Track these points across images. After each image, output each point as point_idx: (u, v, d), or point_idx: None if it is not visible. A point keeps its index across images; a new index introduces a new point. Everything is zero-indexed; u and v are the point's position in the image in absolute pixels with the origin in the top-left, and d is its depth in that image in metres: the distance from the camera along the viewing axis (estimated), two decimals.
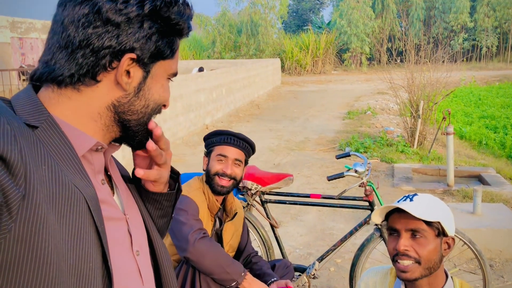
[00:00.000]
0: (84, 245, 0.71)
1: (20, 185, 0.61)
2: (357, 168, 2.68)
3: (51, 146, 0.72)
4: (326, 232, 4.52)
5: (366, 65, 29.61)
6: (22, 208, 0.61)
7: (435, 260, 1.46)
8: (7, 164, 0.60)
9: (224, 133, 2.22)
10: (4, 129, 0.62)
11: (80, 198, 0.72)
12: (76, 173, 0.75)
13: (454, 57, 23.37)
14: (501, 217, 4.06)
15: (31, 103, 0.75)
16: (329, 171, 6.70)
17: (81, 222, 0.71)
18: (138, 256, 0.87)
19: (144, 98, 0.82)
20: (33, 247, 0.62)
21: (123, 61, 0.78)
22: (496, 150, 8.33)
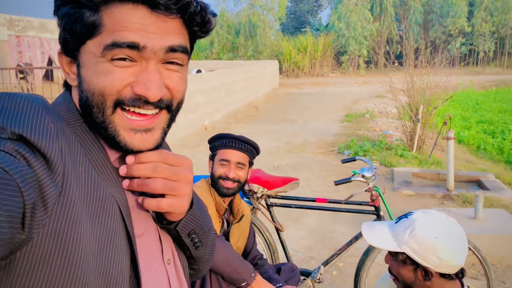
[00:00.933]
0: (114, 248, 0.71)
1: (57, 182, 0.63)
2: (365, 173, 2.68)
3: (87, 150, 0.73)
4: (327, 235, 4.51)
5: (363, 68, 29.73)
6: (57, 204, 0.62)
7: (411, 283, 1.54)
8: (47, 161, 0.62)
9: (225, 136, 2.22)
10: (48, 127, 0.64)
11: (113, 202, 0.73)
12: (108, 178, 0.75)
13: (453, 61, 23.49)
14: (502, 223, 4.07)
15: (67, 109, 0.76)
16: (328, 174, 6.71)
17: (112, 225, 0.72)
18: (169, 265, 0.85)
19: (84, 91, 0.73)
20: (64, 244, 0.63)
21: (57, 57, 0.77)
22: (495, 155, 8.36)
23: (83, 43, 0.72)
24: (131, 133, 0.74)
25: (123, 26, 0.70)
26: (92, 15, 0.70)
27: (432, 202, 5.40)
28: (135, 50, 0.70)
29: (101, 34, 0.70)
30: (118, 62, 0.71)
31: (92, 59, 0.72)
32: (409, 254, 1.48)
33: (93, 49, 0.71)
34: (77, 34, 0.72)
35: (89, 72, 0.72)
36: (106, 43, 0.70)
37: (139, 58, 0.72)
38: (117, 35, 0.70)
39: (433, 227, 1.48)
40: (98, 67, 0.71)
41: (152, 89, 0.72)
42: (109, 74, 0.71)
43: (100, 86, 0.71)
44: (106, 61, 0.71)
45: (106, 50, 0.70)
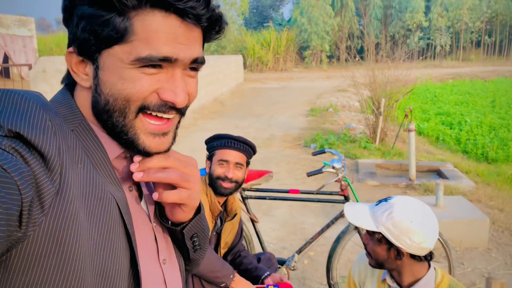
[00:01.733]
0: (113, 246, 0.71)
1: (55, 180, 0.62)
2: (335, 164, 2.82)
3: (86, 149, 0.73)
4: (298, 226, 4.66)
5: (326, 62, 30.18)
6: (54, 203, 0.62)
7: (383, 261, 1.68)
8: (45, 159, 0.62)
9: (224, 137, 2.25)
10: (46, 125, 0.64)
11: (111, 201, 0.72)
12: (107, 177, 0.75)
13: (412, 55, 24.23)
14: (461, 209, 4.33)
15: (66, 106, 0.75)
16: (296, 167, 6.87)
17: (111, 223, 0.71)
18: (165, 265, 0.85)
19: (103, 95, 0.73)
20: (60, 243, 0.62)
21: (66, 56, 0.74)
22: (452, 145, 8.76)
23: (109, 47, 0.71)
24: (150, 137, 0.76)
25: (156, 38, 0.70)
26: (123, 21, 0.69)
27: (395, 192, 5.64)
28: (166, 62, 0.72)
29: (132, 42, 0.70)
30: (147, 70, 0.71)
31: (118, 64, 0.71)
32: (385, 234, 1.61)
33: (121, 55, 0.70)
34: (103, 38, 0.70)
35: (113, 77, 0.71)
36: (141, 55, 0.69)
37: (166, 66, 0.73)
38: (152, 48, 0.70)
39: (410, 211, 1.61)
40: (124, 73, 0.71)
41: (181, 96, 0.74)
42: (137, 81, 0.71)
43: (126, 92, 0.71)
44: (134, 68, 0.71)
45: (138, 61, 0.70)
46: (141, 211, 0.82)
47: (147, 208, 0.84)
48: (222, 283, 2.08)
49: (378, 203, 1.70)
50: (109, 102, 0.73)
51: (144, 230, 0.81)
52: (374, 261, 1.70)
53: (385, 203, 1.66)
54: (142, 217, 0.82)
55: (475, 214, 4.20)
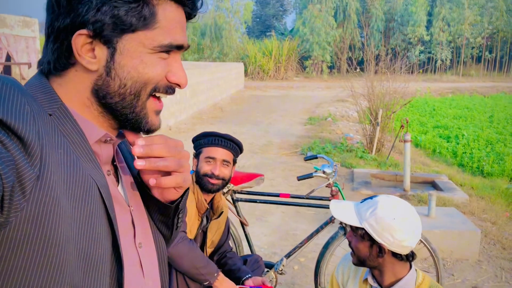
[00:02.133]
0: (95, 230, 0.71)
1: (35, 165, 0.61)
2: (325, 169, 2.83)
3: (65, 133, 0.72)
4: (290, 232, 4.66)
5: (327, 73, 30.31)
6: (35, 188, 0.61)
7: (365, 257, 1.69)
8: (24, 144, 0.61)
9: (211, 134, 2.26)
10: (24, 109, 0.63)
11: (92, 185, 0.73)
12: (88, 161, 0.75)
13: (411, 68, 24.33)
14: (453, 220, 4.33)
15: (43, 91, 0.74)
16: (291, 174, 6.88)
17: (93, 207, 0.72)
18: (140, 249, 0.85)
19: (118, 78, 0.74)
20: (43, 228, 0.62)
21: (74, 39, 0.72)
22: (449, 158, 8.78)
23: (132, 32, 0.74)
24: (155, 115, 0.82)
25: (174, 27, 0.77)
26: (149, 9, 0.74)
27: None
28: (178, 49, 0.79)
29: (156, 30, 0.75)
30: (163, 55, 0.77)
31: (140, 48, 0.75)
32: (368, 230, 1.62)
33: (144, 40, 0.75)
34: (127, 23, 0.73)
35: (133, 61, 0.75)
36: (163, 43, 0.76)
37: (173, 51, 0.80)
38: (172, 37, 0.77)
39: (393, 209, 1.63)
40: (146, 58, 0.75)
41: (185, 77, 0.82)
42: (156, 66, 0.77)
43: (148, 76, 0.76)
44: (153, 53, 0.76)
45: (160, 47, 0.76)
46: (118, 195, 0.83)
47: (125, 192, 0.86)
48: (205, 281, 2.08)
49: (363, 200, 1.72)
50: (126, 85, 0.76)
51: (122, 214, 0.82)
52: (356, 258, 1.71)
53: (370, 200, 1.68)
54: (120, 201, 0.82)
55: (467, 226, 4.20)
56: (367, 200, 1.70)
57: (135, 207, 0.87)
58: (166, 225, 0.93)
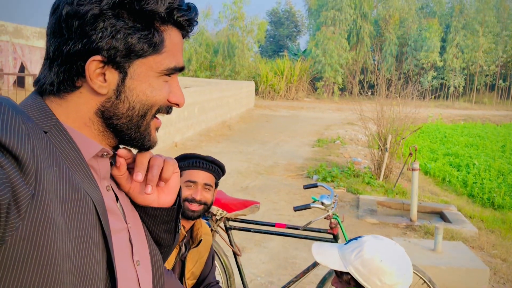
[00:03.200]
0: (90, 248, 0.72)
1: (30, 184, 0.62)
2: (324, 201, 2.68)
3: (61, 150, 0.73)
4: (289, 260, 4.48)
5: (338, 95, 30.22)
6: (31, 207, 0.62)
7: None
8: (19, 163, 0.61)
9: (191, 156, 2.12)
10: (19, 128, 0.63)
11: (88, 201, 0.73)
12: (84, 177, 0.75)
13: (423, 94, 24.13)
14: (460, 256, 4.13)
15: (39, 109, 0.76)
16: (296, 198, 6.71)
17: (88, 224, 0.72)
18: (138, 266, 0.85)
19: (127, 101, 0.78)
20: (38, 247, 0.63)
21: (88, 64, 0.74)
22: (458, 188, 8.54)
23: (143, 57, 0.78)
24: (155, 132, 0.86)
25: (177, 51, 0.82)
26: (160, 35, 0.78)
27: (394, 232, 5.45)
28: (178, 71, 0.83)
29: (162, 54, 0.79)
30: (166, 78, 0.82)
31: (149, 73, 0.79)
32: (353, 275, 1.48)
33: (153, 64, 0.79)
34: (139, 50, 0.77)
35: (142, 85, 0.79)
36: (170, 66, 0.80)
37: (174, 74, 0.84)
38: (176, 60, 0.82)
39: (380, 250, 1.49)
40: (153, 82, 0.80)
41: (183, 97, 0.86)
42: (162, 89, 0.81)
43: (155, 99, 0.81)
44: (159, 76, 0.80)
45: (166, 70, 0.80)
46: (117, 211, 0.83)
47: (122, 208, 0.86)
48: None
49: (348, 242, 1.58)
50: (135, 108, 0.79)
51: (119, 231, 0.82)
52: None
53: (355, 241, 1.54)
54: (118, 218, 0.83)
55: (475, 263, 3.99)
56: (352, 241, 1.56)
57: (132, 225, 0.87)
58: (169, 231, 0.96)
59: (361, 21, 31.87)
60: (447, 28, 32.10)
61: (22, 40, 16.82)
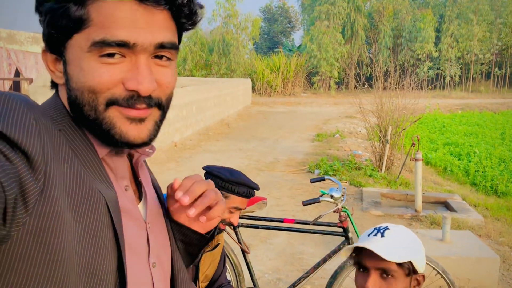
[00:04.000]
0: (100, 245, 0.70)
1: (39, 179, 0.61)
2: (333, 194, 2.62)
3: (73, 148, 0.72)
4: (296, 256, 4.43)
5: (334, 89, 30.14)
6: (39, 202, 0.61)
7: None
8: (28, 158, 0.60)
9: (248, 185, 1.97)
10: (30, 124, 0.63)
11: (99, 199, 0.71)
12: (97, 175, 0.73)
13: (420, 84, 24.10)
14: (469, 245, 4.08)
15: (54, 107, 0.75)
16: (298, 193, 6.66)
17: (98, 222, 0.70)
18: (154, 268, 0.82)
19: (73, 89, 0.72)
20: (45, 242, 0.62)
21: (41, 55, 0.75)
22: (461, 176, 8.51)
23: (69, 37, 0.71)
24: (127, 122, 0.73)
25: (112, 22, 0.68)
26: (78, 9, 0.68)
27: (400, 223, 5.40)
28: (125, 48, 0.69)
29: (88, 28, 0.69)
30: (106, 59, 0.69)
31: (78, 54, 0.70)
32: (414, 262, 1.39)
33: (79, 43, 0.70)
34: (62, 29, 0.70)
35: (75, 70, 0.71)
36: (95, 39, 0.68)
37: (128, 53, 0.70)
38: (107, 32, 0.68)
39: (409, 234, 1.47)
40: (83, 64, 0.70)
41: (144, 83, 0.70)
42: (95, 72, 0.69)
43: (88, 84, 0.70)
44: (93, 57, 0.69)
45: (94, 46, 0.68)
46: (135, 211, 0.80)
47: (145, 209, 0.83)
48: None
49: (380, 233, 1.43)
50: (77, 97, 0.72)
51: (135, 231, 0.79)
52: None
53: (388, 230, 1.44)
54: (135, 217, 0.80)
55: (484, 251, 3.95)
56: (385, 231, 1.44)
57: (153, 225, 0.84)
58: (190, 254, 0.94)
59: (355, 14, 31.77)
60: (441, 18, 32.05)
61: (16, 45, 16.69)
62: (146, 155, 0.84)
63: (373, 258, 1.37)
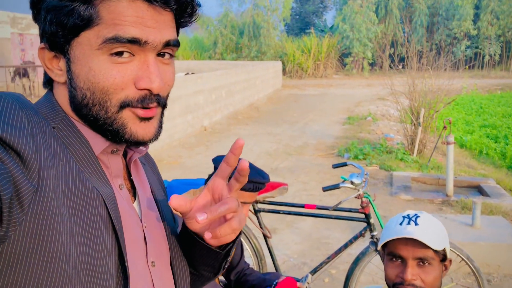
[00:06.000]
0: (99, 242, 0.70)
1: (33, 178, 0.62)
2: (354, 180, 2.59)
3: (68, 145, 0.71)
4: (322, 241, 4.43)
5: (367, 70, 29.58)
6: (34, 201, 0.62)
7: (437, 285, 1.39)
8: (21, 158, 0.61)
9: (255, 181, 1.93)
10: (22, 123, 0.63)
11: (96, 195, 0.71)
12: (93, 172, 0.73)
13: (457, 64, 23.31)
14: (500, 231, 3.97)
15: (48, 105, 0.75)
16: (326, 177, 6.62)
17: (96, 219, 0.70)
18: (153, 268, 0.81)
19: (78, 88, 0.71)
20: (42, 241, 0.62)
21: (38, 54, 0.74)
22: (497, 160, 8.24)
23: (76, 35, 0.70)
24: (137, 122, 0.74)
25: (123, 20, 0.69)
26: (88, 9, 0.68)
27: (430, 208, 5.31)
28: (136, 45, 0.70)
29: (98, 26, 0.69)
30: (117, 59, 0.70)
31: (87, 51, 0.70)
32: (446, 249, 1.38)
33: (88, 40, 0.69)
34: (69, 27, 0.69)
35: (84, 68, 0.70)
36: (107, 36, 0.68)
37: (138, 51, 0.71)
38: (119, 29, 0.68)
39: (436, 220, 1.44)
40: (94, 64, 0.69)
41: (156, 81, 0.71)
42: (107, 73, 0.70)
43: (101, 85, 0.70)
44: (103, 56, 0.69)
45: (105, 43, 0.69)
46: (130, 209, 0.80)
47: (140, 208, 0.83)
48: None
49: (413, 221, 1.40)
50: (86, 96, 0.71)
51: (132, 229, 0.79)
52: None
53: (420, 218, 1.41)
54: (131, 216, 0.79)
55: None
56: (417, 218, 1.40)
57: (149, 225, 0.83)
58: (212, 267, 0.90)
59: None
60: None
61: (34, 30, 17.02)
62: (140, 153, 0.83)
63: (410, 248, 1.35)
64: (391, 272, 1.40)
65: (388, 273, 1.41)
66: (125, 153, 0.85)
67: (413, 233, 1.35)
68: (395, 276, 1.39)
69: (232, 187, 0.79)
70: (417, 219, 1.40)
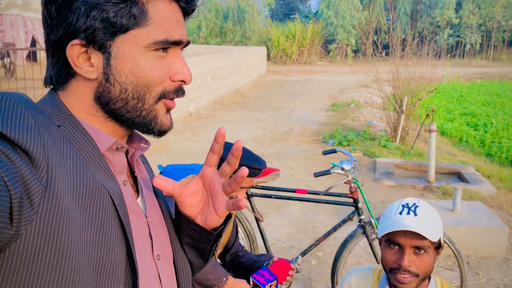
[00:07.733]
0: (107, 238, 0.71)
1: (42, 177, 0.62)
2: (344, 166, 2.70)
3: (74, 143, 0.73)
4: (309, 225, 4.56)
5: (351, 57, 29.77)
6: (43, 200, 0.62)
7: (431, 271, 1.49)
8: (30, 157, 0.62)
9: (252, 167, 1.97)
10: (29, 123, 0.64)
11: (104, 192, 0.72)
12: (99, 169, 0.75)
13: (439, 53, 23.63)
14: (479, 216, 4.15)
15: (52, 104, 0.75)
16: (312, 163, 6.75)
17: (104, 215, 0.72)
18: (159, 261, 0.85)
19: (117, 83, 0.74)
20: (53, 239, 0.63)
21: (67, 51, 0.72)
22: (476, 147, 8.48)
23: (124, 32, 0.73)
24: (165, 112, 0.80)
25: (169, 22, 0.75)
26: (139, 7, 0.73)
27: (412, 193, 5.48)
28: (175, 45, 0.77)
29: (149, 26, 0.74)
30: (158, 54, 0.75)
31: (134, 48, 0.74)
32: (441, 238, 1.46)
33: (136, 38, 0.73)
34: (118, 25, 0.72)
35: (128, 64, 0.74)
36: (159, 39, 0.74)
37: (171, 48, 0.78)
38: (167, 32, 0.75)
39: (432, 208, 1.51)
40: (141, 60, 0.74)
41: (189, 73, 0.79)
42: (153, 67, 0.75)
43: (147, 79, 0.75)
44: (148, 52, 0.74)
45: (156, 44, 0.74)
46: (135, 205, 0.82)
47: (144, 203, 0.86)
48: (214, 286, 1.99)
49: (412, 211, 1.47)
50: (127, 90, 0.75)
51: (138, 224, 0.81)
52: (421, 279, 1.46)
53: (418, 208, 1.50)
54: (136, 211, 0.82)
55: (494, 222, 4.02)
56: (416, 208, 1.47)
57: (153, 219, 0.86)
58: (201, 253, 0.93)
59: None
60: None
61: (32, 13, 16.74)
62: (142, 150, 0.86)
63: (409, 237, 1.43)
64: (388, 257, 1.50)
65: (386, 258, 1.51)
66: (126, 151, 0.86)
67: (413, 225, 1.42)
68: (392, 262, 1.49)
69: (224, 171, 0.83)
70: (416, 209, 1.46)
